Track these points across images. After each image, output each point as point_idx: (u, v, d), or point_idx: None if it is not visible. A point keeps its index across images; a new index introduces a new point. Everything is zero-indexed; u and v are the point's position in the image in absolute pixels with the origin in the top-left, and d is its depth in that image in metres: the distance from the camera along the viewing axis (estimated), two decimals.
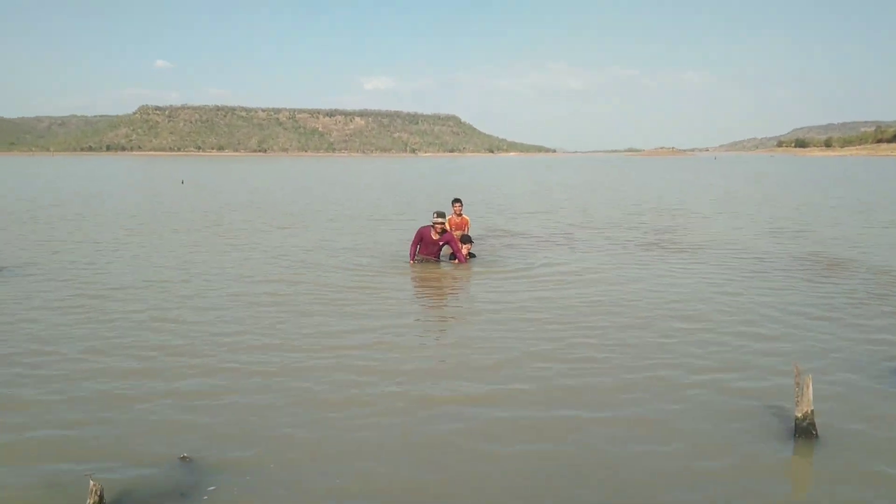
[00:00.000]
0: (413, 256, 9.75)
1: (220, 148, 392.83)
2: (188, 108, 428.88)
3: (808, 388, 3.99)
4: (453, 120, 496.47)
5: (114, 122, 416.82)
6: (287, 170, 68.79)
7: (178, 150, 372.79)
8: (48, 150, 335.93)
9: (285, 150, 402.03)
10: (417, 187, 33.06)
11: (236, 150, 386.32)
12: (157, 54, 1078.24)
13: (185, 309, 7.06)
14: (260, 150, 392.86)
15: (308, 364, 5.32)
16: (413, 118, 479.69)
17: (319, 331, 6.25)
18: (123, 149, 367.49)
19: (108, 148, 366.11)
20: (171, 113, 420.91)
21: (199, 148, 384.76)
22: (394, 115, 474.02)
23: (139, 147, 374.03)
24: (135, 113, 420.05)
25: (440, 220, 9.49)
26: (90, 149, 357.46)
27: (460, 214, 10.69)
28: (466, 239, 10.00)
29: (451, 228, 10.11)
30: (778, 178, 41.62)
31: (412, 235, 9.94)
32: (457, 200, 10.89)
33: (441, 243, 9.67)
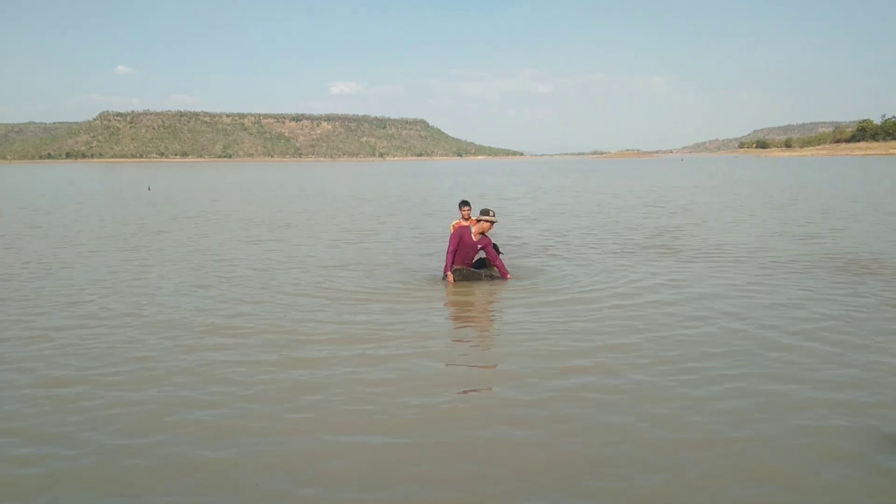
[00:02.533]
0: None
1: (184, 154, 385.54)
2: (150, 113, 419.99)
3: None
4: (421, 124, 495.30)
5: (73, 129, 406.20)
6: (257, 175, 66.57)
7: (141, 156, 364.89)
8: (5, 158, 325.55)
9: (251, 155, 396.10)
10: (403, 195, 31.78)
11: (200, 156, 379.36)
12: (118, 59, 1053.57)
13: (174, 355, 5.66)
14: (225, 156, 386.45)
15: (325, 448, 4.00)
16: (381, 122, 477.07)
17: (340, 391, 4.85)
18: (84, 156, 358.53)
19: (68, 155, 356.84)
20: (133, 119, 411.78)
21: (161, 154, 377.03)
22: (361, 120, 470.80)
23: (100, 154, 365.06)
24: (95, 119, 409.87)
25: (485, 216, 7.79)
26: (49, 156, 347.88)
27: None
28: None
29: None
30: (763, 180, 41.25)
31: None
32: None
33: (479, 247, 8.00)
